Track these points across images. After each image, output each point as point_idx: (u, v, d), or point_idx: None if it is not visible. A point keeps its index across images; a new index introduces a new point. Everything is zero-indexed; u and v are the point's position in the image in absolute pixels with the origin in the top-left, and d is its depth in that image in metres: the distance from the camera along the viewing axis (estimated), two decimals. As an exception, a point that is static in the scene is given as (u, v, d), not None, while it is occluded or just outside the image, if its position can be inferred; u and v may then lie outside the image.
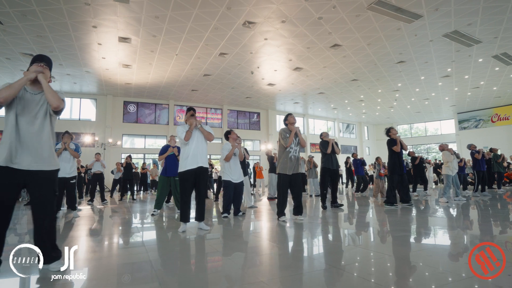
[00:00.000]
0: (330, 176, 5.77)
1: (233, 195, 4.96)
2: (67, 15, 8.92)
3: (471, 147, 8.60)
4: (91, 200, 8.44)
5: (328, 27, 10.02)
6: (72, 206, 5.20)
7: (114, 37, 10.43)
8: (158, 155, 5.89)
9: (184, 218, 3.56)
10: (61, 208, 5.89)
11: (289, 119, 4.41)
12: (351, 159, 11.09)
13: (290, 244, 3.10)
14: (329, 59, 12.85)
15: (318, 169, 8.00)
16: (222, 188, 5.52)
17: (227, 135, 5.16)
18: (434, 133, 27.46)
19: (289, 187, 4.23)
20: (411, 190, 10.07)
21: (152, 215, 5.23)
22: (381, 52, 12.20)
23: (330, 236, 3.43)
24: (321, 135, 6.17)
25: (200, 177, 3.56)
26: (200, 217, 3.67)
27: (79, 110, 17.56)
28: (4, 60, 12.21)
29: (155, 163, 15.32)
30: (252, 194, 8.50)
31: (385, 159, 7.11)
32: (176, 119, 19.86)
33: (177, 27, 9.86)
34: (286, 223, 4.11)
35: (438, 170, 13.84)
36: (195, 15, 9.16)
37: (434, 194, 9.36)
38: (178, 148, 5.60)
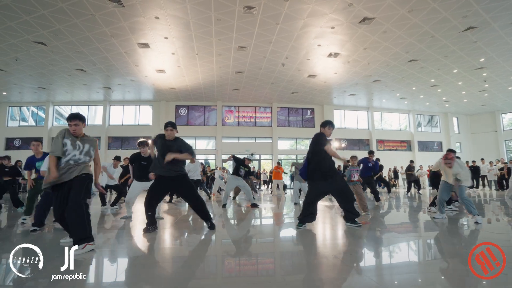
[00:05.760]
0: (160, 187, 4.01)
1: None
2: (85, 29, 9.72)
3: None
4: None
5: (344, -4, 8.17)
6: None
7: (133, 44, 10.95)
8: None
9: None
10: None
11: None
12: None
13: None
14: (365, 38, 10.61)
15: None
16: None
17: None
18: None
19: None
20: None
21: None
22: (434, 19, 9.36)
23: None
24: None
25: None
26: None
27: (138, 116, 19.55)
28: (67, 77, 14.37)
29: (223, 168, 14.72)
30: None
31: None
32: (224, 120, 20.04)
33: (180, 24, 9.63)
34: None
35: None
36: (190, 9, 8.73)
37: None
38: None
